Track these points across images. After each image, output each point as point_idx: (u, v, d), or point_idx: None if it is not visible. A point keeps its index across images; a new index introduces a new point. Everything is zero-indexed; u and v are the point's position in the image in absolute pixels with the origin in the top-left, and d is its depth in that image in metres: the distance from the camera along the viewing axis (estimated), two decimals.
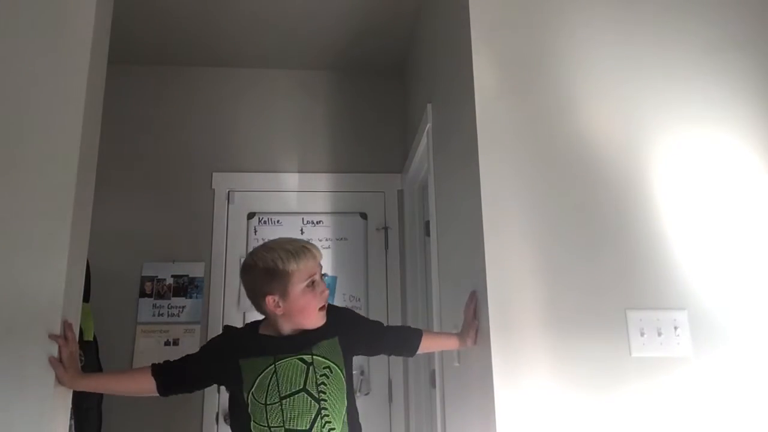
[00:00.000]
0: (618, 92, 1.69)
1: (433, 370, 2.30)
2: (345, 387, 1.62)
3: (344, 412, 1.60)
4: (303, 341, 1.62)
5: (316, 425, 1.55)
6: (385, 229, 3.17)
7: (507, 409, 1.45)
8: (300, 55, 3.21)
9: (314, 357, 1.60)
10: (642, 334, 1.52)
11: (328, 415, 1.57)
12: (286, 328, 1.65)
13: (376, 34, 3.03)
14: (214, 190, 3.14)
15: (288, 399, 1.56)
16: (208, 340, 1.77)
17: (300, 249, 1.64)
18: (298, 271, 1.60)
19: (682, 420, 1.48)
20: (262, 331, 1.69)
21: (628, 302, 1.55)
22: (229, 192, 3.15)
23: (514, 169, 1.61)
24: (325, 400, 1.58)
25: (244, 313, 3.01)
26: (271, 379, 1.57)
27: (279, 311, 1.61)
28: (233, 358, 1.60)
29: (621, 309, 1.54)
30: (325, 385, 1.59)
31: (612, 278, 1.56)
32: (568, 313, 1.53)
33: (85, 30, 1.70)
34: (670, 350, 1.52)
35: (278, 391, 1.56)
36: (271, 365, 1.58)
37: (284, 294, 1.60)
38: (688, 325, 1.54)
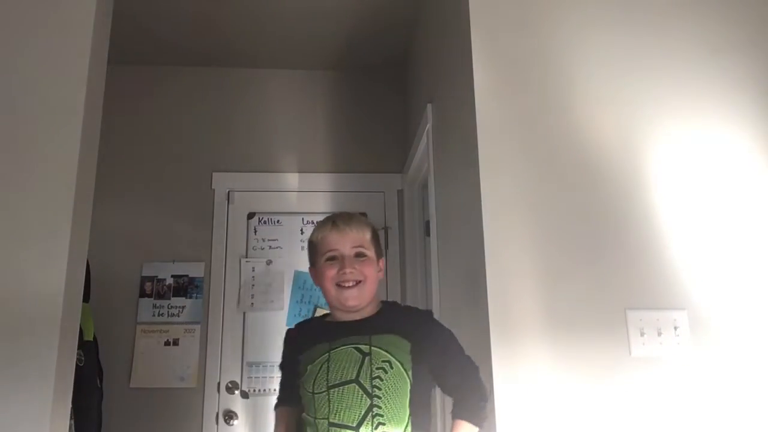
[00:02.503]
0: (618, 93, 1.69)
1: None
2: (409, 391, 1.43)
3: (407, 421, 1.41)
4: (363, 327, 1.50)
5: (365, 424, 1.38)
6: (385, 229, 3.17)
7: (507, 409, 1.45)
8: (300, 55, 3.21)
9: (372, 348, 1.44)
10: (642, 334, 1.52)
11: (382, 416, 1.39)
12: (337, 313, 1.56)
13: (376, 34, 3.03)
14: (214, 190, 3.14)
15: (336, 389, 1.42)
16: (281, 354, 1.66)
17: (326, 221, 1.60)
18: (320, 242, 1.57)
19: (683, 420, 1.48)
20: (328, 317, 1.61)
21: (628, 302, 1.55)
22: (229, 192, 3.15)
23: (514, 169, 1.61)
24: (380, 398, 1.40)
25: (244, 313, 3.01)
26: (321, 367, 1.45)
27: (317, 283, 1.58)
28: (296, 356, 1.53)
29: (621, 309, 1.54)
30: (381, 380, 1.41)
31: (612, 278, 1.56)
32: (568, 312, 1.53)
33: (85, 30, 1.70)
34: (670, 350, 1.52)
35: (327, 380, 1.43)
36: (325, 353, 1.46)
37: (315, 265, 1.59)
38: (688, 325, 1.54)
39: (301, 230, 3.14)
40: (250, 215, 3.16)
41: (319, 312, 3.02)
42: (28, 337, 1.50)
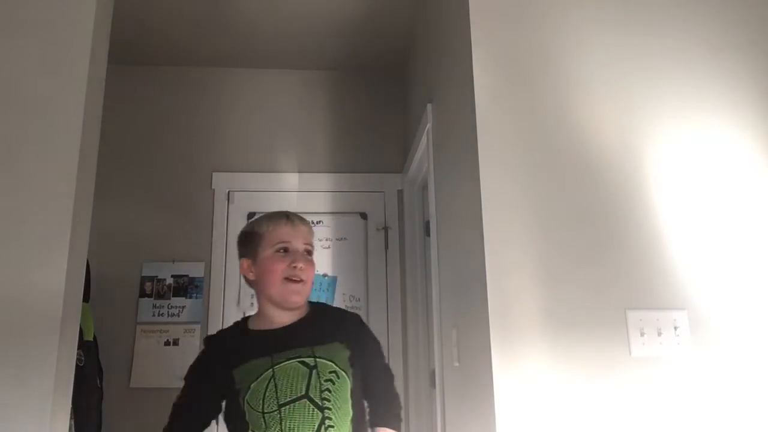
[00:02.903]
0: (618, 92, 1.69)
1: (433, 370, 2.30)
2: (350, 396, 1.48)
3: (350, 423, 1.46)
4: (301, 335, 1.49)
5: None
6: (385, 229, 3.18)
7: (507, 409, 1.45)
8: (300, 55, 3.22)
9: (317, 360, 1.45)
10: (642, 334, 1.52)
11: (333, 426, 1.42)
12: (270, 310, 1.54)
13: (376, 34, 3.03)
14: (214, 190, 3.15)
15: (288, 407, 1.41)
16: (189, 367, 1.57)
17: (279, 214, 1.59)
18: (269, 233, 1.54)
19: (682, 420, 1.48)
20: (252, 326, 1.57)
21: (628, 302, 1.55)
22: (229, 192, 3.15)
23: (514, 169, 1.61)
24: (330, 409, 1.42)
25: (244, 312, 3.01)
26: (268, 384, 1.42)
27: (251, 276, 1.56)
28: (226, 370, 1.47)
29: (621, 309, 1.54)
30: (330, 392, 1.44)
31: (612, 278, 1.56)
32: (568, 313, 1.53)
33: (85, 30, 1.70)
34: (670, 350, 1.52)
35: (276, 398, 1.41)
36: (268, 369, 1.44)
37: (255, 257, 1.55)
38: (688, 325, 1.54)
39: None
40: (250, 215, 3.16)
41: None
42: (28, 337, 1.50)
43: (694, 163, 1.66)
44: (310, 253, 1.57)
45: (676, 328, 1.53)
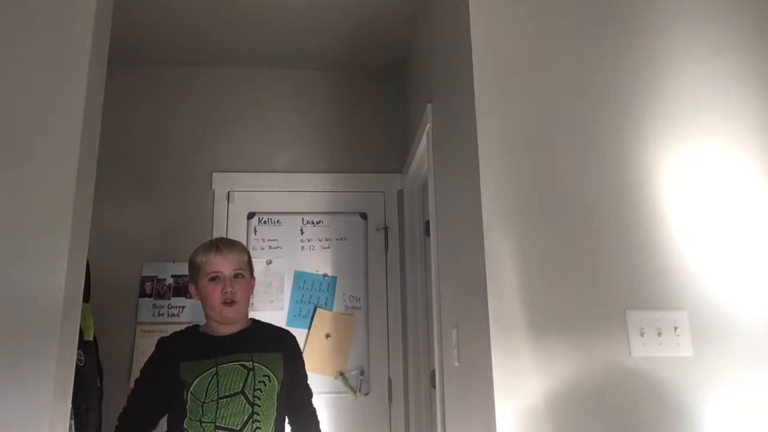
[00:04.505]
0: (618, 92, 1.69)
1: (433, 370, 2.30)
2: (276, 398, 1.75)
3: (272, 422, 1.74)
4: (243, 344, 1.78)
5: (246, 427, 1.68)
6: (385, 229, 3.18)
7: (507, 410, 1.45)
8: (300, 55, 3.22)
9: (255, 364, 1.74)
10: (642, 334, 1.52)
11: (259, 420, 1.70)
12: (214, 324, 1.82)
13: (376, 34, 3.03)
14: (214, 190, 3.15)
15: (225, 399, 1.69)
16: (145, 363, 1.87)
17: (209, 246, 1.84)
18: (203, 264, 1.81)
19: (683, 420, 1.48)
20: (202, 329, 1.87)
21: (628, 302, 1.55)
22: (229, 192, 3.15)
23: (514, 169, 1.61)
24: (259, 406, 1.70)
25: None
26: (211, 380, 1.70)
27: (197, 299, 1.85)
28: (174, 361, 1.74)
29: (621, 309, 1.54)
30: (261, 391, 1.72)
31: (612, 278, 1.56)
32: (568, 312, 1.53)
33: (85, 30, 1.69)
34: (670, 350, 1.52)
35: (217, 391, 1.69)
36: (212, 368, 1.71)
37: (196, 284, 1.84)
38: (688, 325, 1.54)
39: (301, 230, 3.14)
40: (250, 215, 3.16)
41: (320, 312, 3.03)
42: (28, 337, 1.49)
43: (694, 164, 1.66)
44: (240, 275, 1.82)
45: (676, 328, 1.53)
